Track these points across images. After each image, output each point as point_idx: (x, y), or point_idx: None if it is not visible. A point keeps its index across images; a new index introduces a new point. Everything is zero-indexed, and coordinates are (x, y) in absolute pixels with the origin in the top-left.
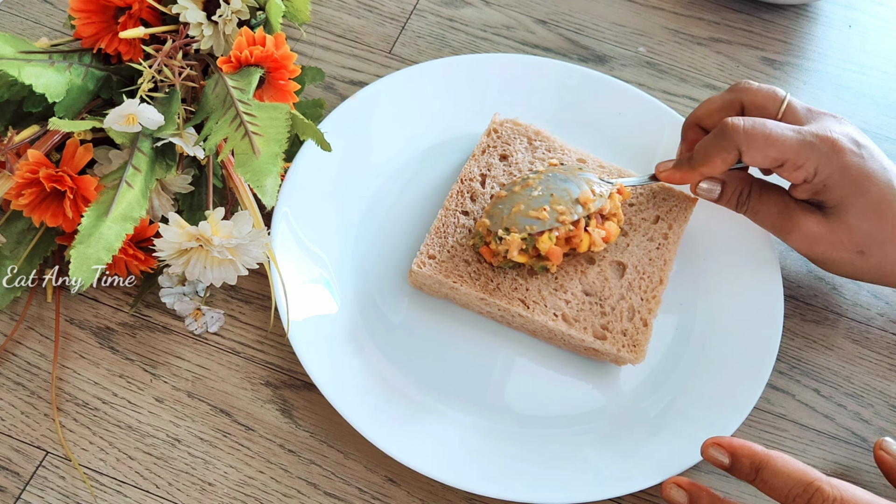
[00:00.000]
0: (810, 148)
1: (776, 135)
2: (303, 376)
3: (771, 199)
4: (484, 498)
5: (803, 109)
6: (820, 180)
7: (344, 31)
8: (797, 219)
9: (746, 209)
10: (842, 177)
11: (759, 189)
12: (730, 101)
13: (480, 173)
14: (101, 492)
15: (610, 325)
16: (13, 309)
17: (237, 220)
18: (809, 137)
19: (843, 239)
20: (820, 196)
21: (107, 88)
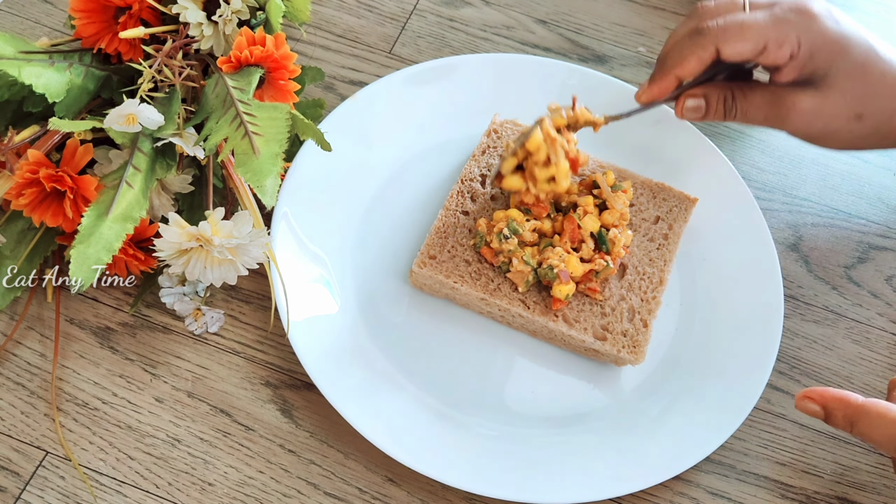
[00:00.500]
0: (786, 23)
1: (750, 21)
2: (303, 376)
3: (756, 92)
4: (484, 498)
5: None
6: (806, 50)
7: (344, 31)
8: (789, 100)
9: (735, 113)
10: (824, 41)
11: (741, 89)
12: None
13: (480, 173)
14: (101, 492)
15: (610, 325)
16: (13, 309)
17: (237, 220)
18: (782, 13)
19: (839, 105)
20: (807, 69)
21: (107, 88)
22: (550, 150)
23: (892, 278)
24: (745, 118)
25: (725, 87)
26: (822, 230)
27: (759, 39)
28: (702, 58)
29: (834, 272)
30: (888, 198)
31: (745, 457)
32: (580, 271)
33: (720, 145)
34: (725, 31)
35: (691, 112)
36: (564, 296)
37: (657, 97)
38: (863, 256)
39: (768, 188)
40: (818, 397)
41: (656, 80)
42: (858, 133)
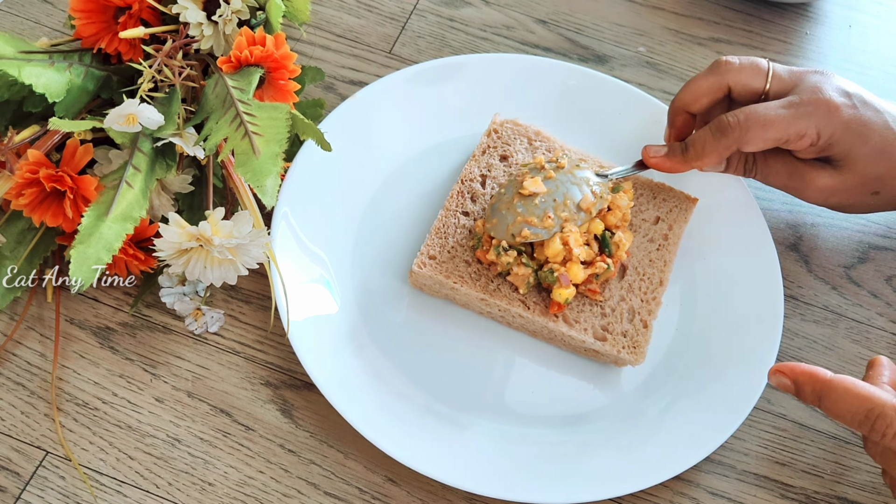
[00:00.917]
0: (807, 117)
1: (771, 118)
2: (303, 376)
3: (778, 161)
4: (484, 498)
5: (787, 73)
6: (825, 141)
7: (344, 31)
8: (808, 176)
9: (755, 174)
10: (844, 132)
11: (763, 155)
12: (716, 84)
13: (480, 174)
14: (101, 492)
15: (610, 326)
16: (13, 309)
17: (237, 220)
18: (803, 108)
19: (856, 185)
20: (826, 153)
21: (107, 88)
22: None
23: (892, 278)
24: (765, 181)
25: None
26: (822, 230)
27: (781, 136)
28: (723, 155)
29: (834, 272)
30: None
31: (745, 457)
32: (581, 276)
33: None
34: (747, 130)
35: (713, 167)
36: (564, 300)
37: (666, 171)
38: (863, 256)
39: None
40: (789, 372)
41: (673, 160)
42: (874, 205)
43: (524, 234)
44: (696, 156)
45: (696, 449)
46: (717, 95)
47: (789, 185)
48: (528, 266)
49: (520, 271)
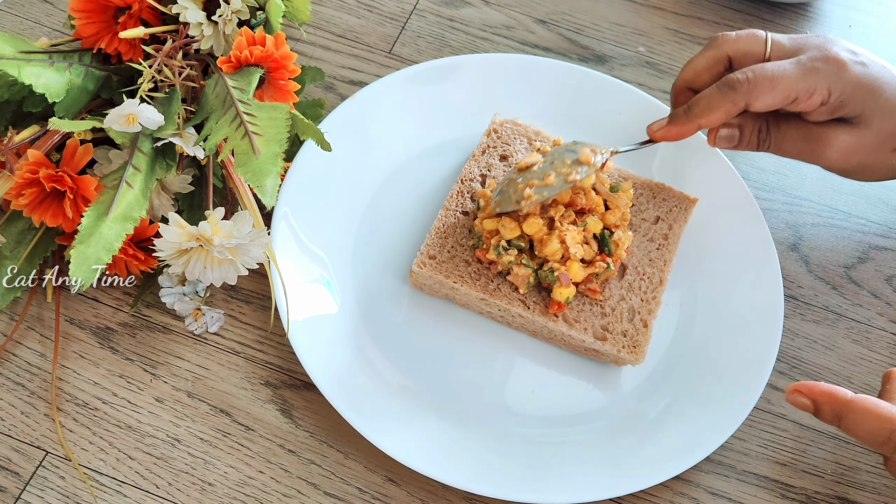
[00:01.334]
0: (815, 73)
1: (779, 74)
2: (303, 376)
3: (791, 126)
4: (484, 498)
5: (788, 41)
6: (836, 98)
7: (344, 31)
8: (824, 137)
9: (769, 145)
10: (855, 88)
11: (775, 122)
12: (715, 57)
13: (480, 173)
14: (101, 492)
15: (610, 325)
16: (13, 309)
17: (237, 220)
18: (811, 64)
19: (875, 142)
20: (839, 112)
21: (107, 88)
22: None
23: (892, 278)
24: (779, 151)
25: (759, 118)
26: (822, 230)
27: (790, 92)
28: (730, 111)
29: (834, 272)
30: (888, 198)
31: (745, 457)
32: (581, 275)
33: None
34: (756, 85)
35: (724, 141)
36: (565, 299)
37: (673, 139)
38: (863, 256)
39: (768, 188)
40: (808, 391)
41: (677, 124)
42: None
43: (528, 195)
44: (702, 112)
45: (696, 449)
46: (718, 68)
47: (805, 149)
48: (528, 266)
49: (520, 271)
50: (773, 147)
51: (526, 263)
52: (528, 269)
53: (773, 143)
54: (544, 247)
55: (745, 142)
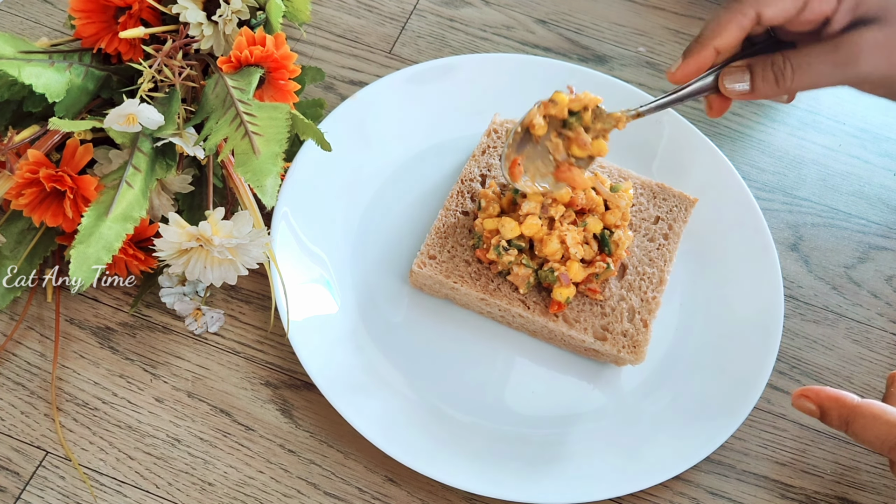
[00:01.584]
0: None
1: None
2: (303, 376)
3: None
4: (484, 498)
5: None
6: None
7: (344, 31)
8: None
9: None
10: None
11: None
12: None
13: (480, 173)
14: (101, 492)
15: (610, 325)
16: (13, 309)
17: (237, 220)
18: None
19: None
20: (859, 10)
21: (107, 88)
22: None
23: (892, 278)
24: (806, 80)
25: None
26: (822, 230)
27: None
28: (742, 24)
29: (834, 272)
30: (888, 198)
31: (745, 457)
32: (581, 275)
33: (720, 145)
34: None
35: (736, 86)
36: (565, 299)
37: (693, 74)
38: (863, 256)
39: (768, 188)
40: (814, 396)
41: (692, 54)
42: None
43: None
44: (713, 32)
45: (696, 449)
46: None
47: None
48: (528, 266)
49: (520, 271)
50: (798, 78)
51: (526, 263)
52: (528, 269)
53: (797, 75)
54: (544, 247)
55: (758, 82)
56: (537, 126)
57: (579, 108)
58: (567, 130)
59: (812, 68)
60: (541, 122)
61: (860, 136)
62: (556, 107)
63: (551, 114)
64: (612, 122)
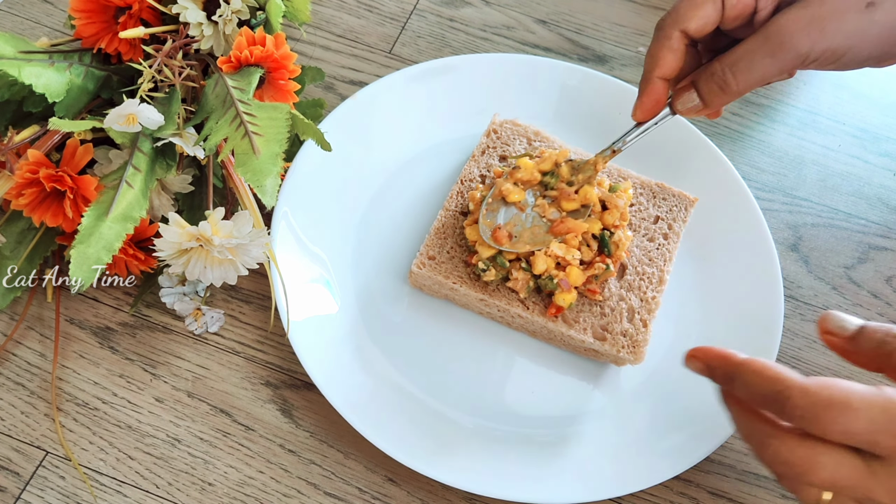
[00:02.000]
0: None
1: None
2: (303, 376)
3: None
4: (484, 498)
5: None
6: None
7: (344, 31)
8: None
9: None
10: None
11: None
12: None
13: (480, 174)
14: (101, 492)
15: (609, 325)
16: (13, 309)
17: (237, 220)
18: None
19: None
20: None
21: (107, 88)
22: None
23: (892, 278)
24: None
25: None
26: (822, 230)
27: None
28: (673, 48)
29: (834, 272)
30: (888, 198)
31: (745, 457)
32: (581, 279)
33: (720, 145)
34: (678, 11)
35: (688, 106)
36: (568, 305)
37: (654, 108)
38: (863, 256)
39: (768, 188)
40: (702, 355)
41: (644, 92)
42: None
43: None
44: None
45: (696, 449)
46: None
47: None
48: (526, 271)
49: (519, 276)
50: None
51: (525, 269)
52: (526, 273)
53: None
54: (533, 266)
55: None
56: (511, 193)
57: (551, 167)
58: (549, 191)
59: (752, 66)
60: (512, 188)
61: (860, 136)
62: (523, 172)
63: (522, 179)
64: (590, 168)
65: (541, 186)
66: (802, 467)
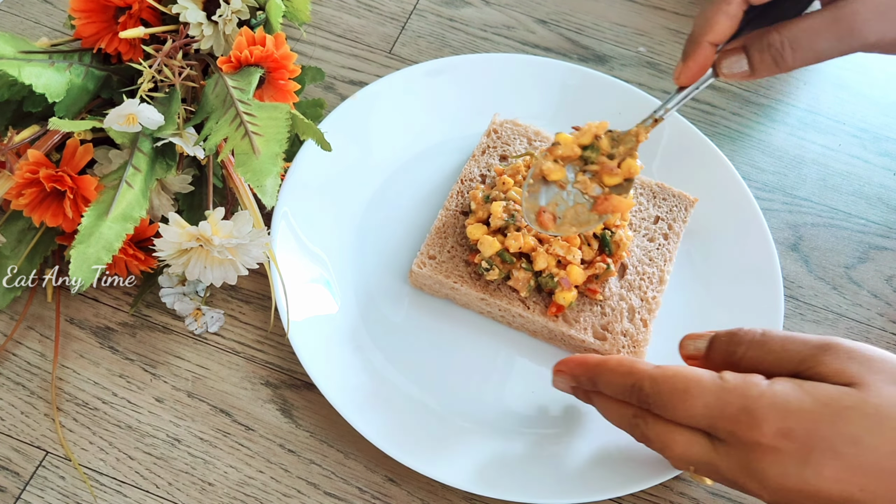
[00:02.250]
0: None
1: None
2: (303, 376)
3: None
4: (484, 498)
5: None
6: None
7: (344, 31)
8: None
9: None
10: None
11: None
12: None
13: (480, 173)
14: (101, 492)
15: (610, 325)
16: (13, 309)
17: (237, 220)
18: None
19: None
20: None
21: (107, 88)
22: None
23: (892, 278)
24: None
25: (762, 32)
26: (822, 230)
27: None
28: (729, 12)
29: (834, 272)
30: (888, 198)
31: None
32: (582, 278)
33: (720, 145)
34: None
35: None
36: (568, 304)
37: (698, 73)
38: (863, 256)
39: (768, 188)
40: (564, 367)
41: (690, 55)
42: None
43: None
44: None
45: None
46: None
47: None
48: (527, 269)
49: (520, 275)
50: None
51: (526, 268)
52: (527, 272)
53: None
54: (535, 263)
55: (757, 62)
56: (552, 171)
57: (591, 141)
58: (590, 166)
59: (814, 44)
60: (552, 166)
61: (860, 136)
62: (562, 148)
63: (561, 155)
64: (632, 139)
65: (581, 161)
66: (661, 445)
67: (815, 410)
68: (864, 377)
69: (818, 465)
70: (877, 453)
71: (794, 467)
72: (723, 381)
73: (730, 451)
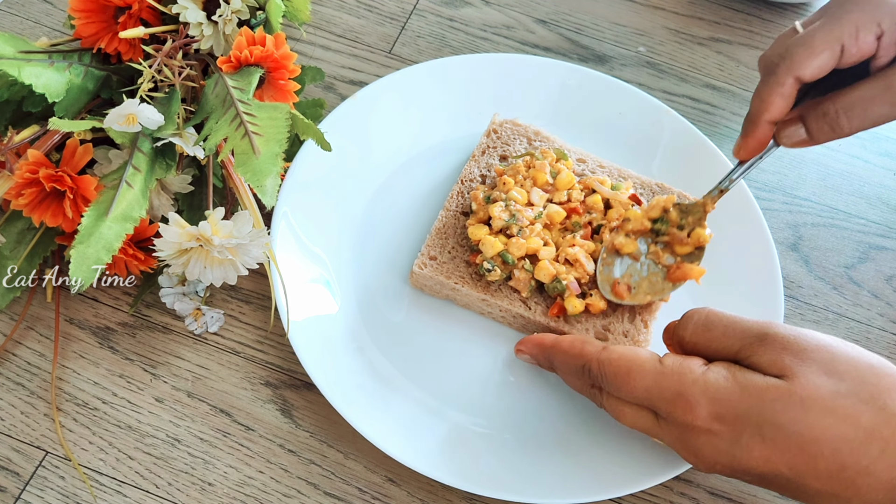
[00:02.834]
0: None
1: (811, 33)
2: (303, 376)
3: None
4: (484, 498)
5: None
6: (891, 24)
7: (344, 31)
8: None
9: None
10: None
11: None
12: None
13: (480, 174)
14: (100, 492)
15: (611, 326)
16: (13, 309)
17: (237, 220)
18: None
19: None
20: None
21: (107, 88)
22: None
23: (892, 278)
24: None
25: (819, 101)
26: (822, 230)
27: (831, 43)
28: (783, 93)
29: (834, 272)
30: (888, 198)
31: None
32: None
33: (720, 145)
34: (793, 57)
35: (794, 139)
36: (578, 312)
37: (757, 149)
38: (863, 256)
39: (768, 188)
40: (524, 346)
41: (749, 133)
42: None
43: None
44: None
45: None
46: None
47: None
48: (528, 270)
49: (521, 276)
50: (854, 124)
51: (527, 268)
52: (528, 273)
53: (853, 121)
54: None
55: (814, 130)
56: (625, 245)
57: (660, 214)
58: (661, 237)
59: (868, 111)
60: (624, 240)
61: (860, 135)
62: (632, 223)
63: (632, 230)
64: (699, 210)
65: (652, 234)
66: (614, 414)
67: (743, 400)
68: (795, 368)
69: (747, 447)
70: (801, 439)
71: (726, 446)
72: (662, 366)
73: (670, 427)
